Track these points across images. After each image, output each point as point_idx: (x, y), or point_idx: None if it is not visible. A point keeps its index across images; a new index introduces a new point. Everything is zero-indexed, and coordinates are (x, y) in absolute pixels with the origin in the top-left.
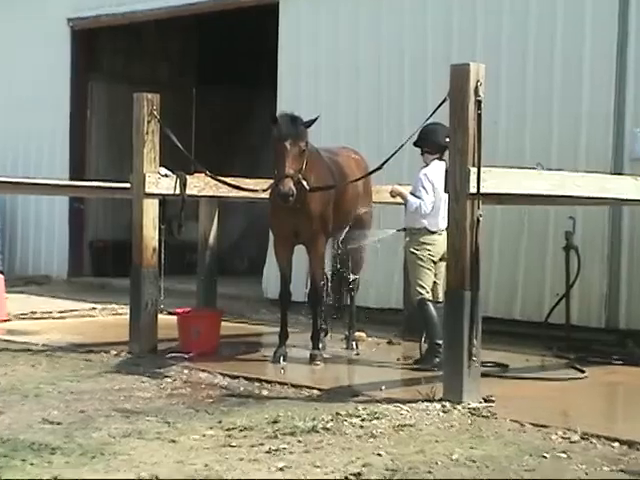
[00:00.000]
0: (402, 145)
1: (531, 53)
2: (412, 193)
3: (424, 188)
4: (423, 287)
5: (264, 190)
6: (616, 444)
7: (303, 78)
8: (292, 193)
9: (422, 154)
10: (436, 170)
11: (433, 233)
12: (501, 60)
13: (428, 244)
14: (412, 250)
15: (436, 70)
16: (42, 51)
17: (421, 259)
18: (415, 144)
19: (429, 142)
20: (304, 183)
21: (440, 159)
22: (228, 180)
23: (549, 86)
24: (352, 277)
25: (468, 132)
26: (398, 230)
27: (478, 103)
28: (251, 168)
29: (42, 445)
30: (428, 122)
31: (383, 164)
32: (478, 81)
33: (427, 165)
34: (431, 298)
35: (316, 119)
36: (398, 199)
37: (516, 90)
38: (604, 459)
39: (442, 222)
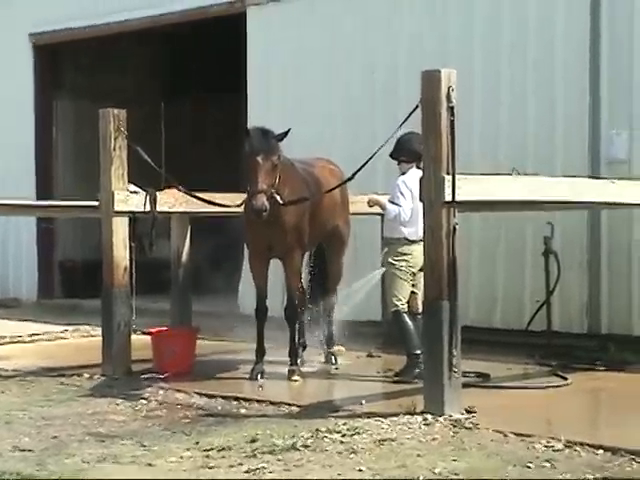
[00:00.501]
0: (375, 153)
1: (504, 58)
2: (390, 201)
3: (402, 194)
4: (399, 299)
5: (238, 205)
6: (600, 451)
7: (273, 86)
8: (265, 209)
9: (398, 164)
10: (414, 177)
11: (412, 243)
12: (474, 65)
13: (407, 254)
14: (390, 261)
15: (408, 77)
16: (4, 67)
17: (399, 269)
18: (391, 156)
19: (404, 151)
20: (277, 197)
21: (417, 167)
22: (200, 195)
23: (523, 91)
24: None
25: (441, 139)
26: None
27: (450, 109)
28: (223, 181)
29: (13, 474)
30: (402, 132)
31: (355, 173)
32: (450, 87)
33: (404, 173)
34: (406, 309)
35: (288, 132)
36: (376, 209)
37: (490, 95)
38: (588, 467)
39: (421, 231)
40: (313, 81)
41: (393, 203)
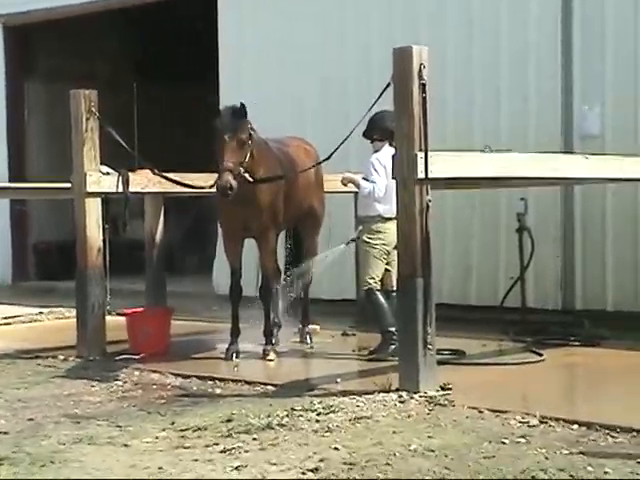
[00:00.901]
0: (350, 133)
1: (476, 33)
2: (364, 178)
3: (376, 171)
4: (372, 277)
5: (210, 186)
6: (575, 426)
7: (245, 67)
8: (230, 186)
9: (372, 142)
10: (387, 155)
11: (387, 220)
12: (446, 41)
13: (381, 232)
14: (365, 239)
15: (380, 54)
16: None
17: (374, 248)
18: (364, 135)
19: (377, 129)
20: (246, 176)
21: (390, 145)
22: (172, 176)
23: (495, 66)
24: (305, 268)
25: (413, 116)
26: (347, 243)
27: (422, 86)
28: (197, 162)
29: None
30: (374, 111)
31: (332, 154)
32: (422, 64)
33: (377, 151)
34: (379, 287)
35: (244, 106)
36: (350, 187)
37: (462, 71)
38: (563, 442)
39: (395, 208)
40: (286, 60)
41: (367, 180)
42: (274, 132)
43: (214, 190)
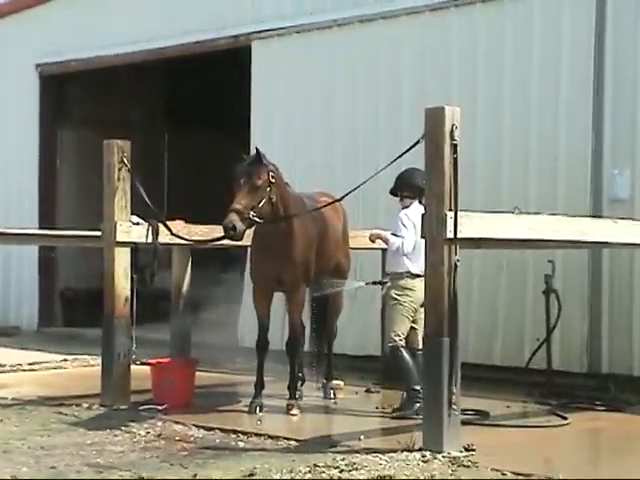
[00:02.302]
0: (372, 176)
1: (507, 95)
2: (392, 233)
3: (405, 226)
4: (397, 334)
5: (222, 238)
6: None
7: (276, 119)
8: (232, 226)
9: (400, 200)
10: (416, 211)
11: (415, 277)
12: (477, 103)
13: (409, 289)
14: (393, 295)
15: (411, 112)
16: (9, 98)
17: (402, 305)
18: (392, 192)
19: (406, 186)
20: (256, 219)
21: (420, 202)
22: (187, 235)
23: (525, 128)
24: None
25: (444, 176)
26: (367, 283)
27: (454, 147)
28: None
29: None
30: (403, 169)
31: (349, 193)
32: (453, 125)
33: (406, 207)
34: (405, 345)
35: (258, 152)
36: (378, 243)
37: (492, 133)
38: None
39: (423, 265)
40: (316, 113)
41: (395, 235)
42: (303, 183)
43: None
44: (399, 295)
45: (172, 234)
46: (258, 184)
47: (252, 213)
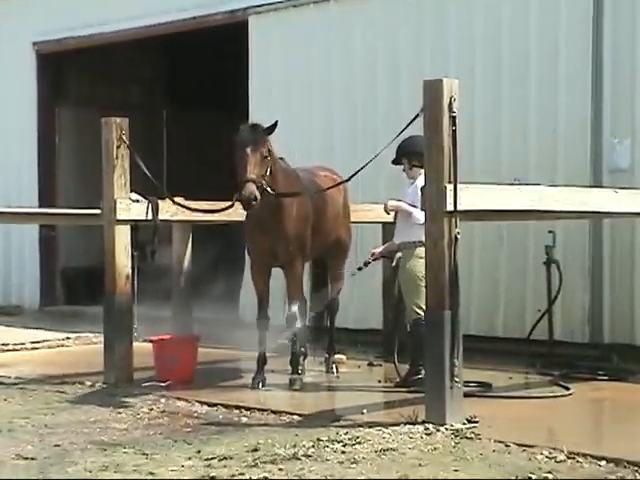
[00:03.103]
0: (375, 156)
1: (505, 66)
2: (413, 206)
3: None
4: (420, 306)
5: (227, 208)
6: (603, 462)
7: (275, 96)
8: (254, 197)
9: (410, 169)
10: None
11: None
12: (475, 74)
13: (422, 257)
14: (409, 266)
15: (409, 85)
16: (6, 77)
17: (418, 276)
18: (397, 162)
19: (417, 155)
20: (268, 189)
21: None
22: (194, 205)
23: (524, 99)
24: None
25: (443, 149)
26: (360, 268)
27: (452, 119)
28: (225, 190)
29: None
30: (407, 137)
31: (353, 175)
32: (452, 96)
33: (413, 178)
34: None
35: (276, 124)
36: (379, 217)
37: (491, 105)
38: (591, 478)
39: None
40: (314, 87)
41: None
42: (302, 158)
43: (242, 217)
44: (414, 265)
45: (182, 206)
46: (265, 153)
47: (264, 182)
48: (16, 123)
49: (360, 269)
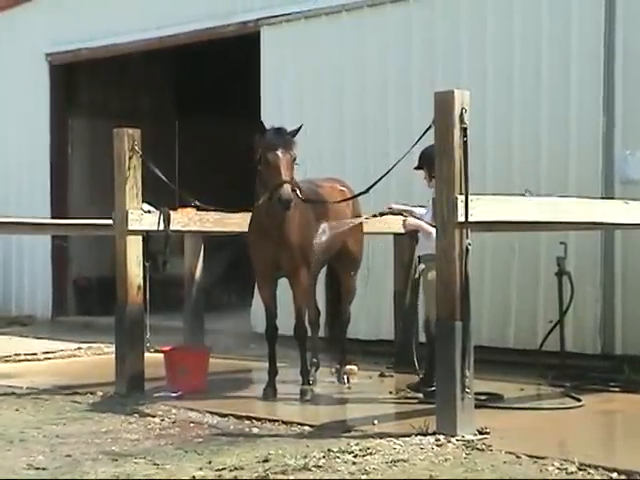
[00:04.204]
0: (388, 170)
1: (516, 78)
2: (433, 225)
3: None
4: None
5: (256, 206)
6: (614, 474)
7: (286, 106)
8: (292, 199)
9: (430, 179)
10: None
11: None
12: (486, 86)
13: None
14: (431, 278)
15: (421, 96)
16: (20, 87)
17: None
18: (418, 168)
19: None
20: (298, 192)
21: None
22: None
23: (536, 111)
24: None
25: (454, 160)
26: (375, 215)
27: (463, 130)
28: (237, 201)
29: None
30: (429, 145)
31: (368, 189)
32: (463, 108)
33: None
34: None
35: (300, 128)
36: (391, 228)
37: (502, 116)
38: None
39: None
40: (326, 98)
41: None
42: (313, 166)
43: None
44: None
45: (206, 209)
46: (294, 156)
47: (294, 186)
48: (29, 134)
49: (375, 216)
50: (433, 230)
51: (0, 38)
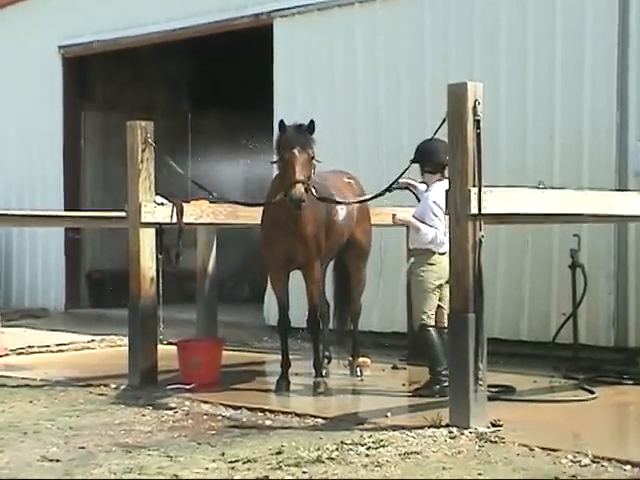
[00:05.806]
0: (405, 169)
1: (530, 69)
2: (421, 220)
3: (436, 216)
4: (426, 312)
5: (273, 202)
6: (628, 467)
7: (299, 98)
8: (304, 199)
9: (422, 174)
10: (441, 192)
11: (441, 254)
12: (500, 77)
13: (433, 264)
14: (418, 272)
15: (434, 88)
16: (33, 80)
17: (427, 281)
18: (414, 161)
19: (430, 162)
20: (313, 191)
21: (442, 177)
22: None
23: (549, 102)
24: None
25: (467, 152)
26: (387, 190)
27: (477, 122)
28: (249, 194)
29: None
30: (426, 140)
31: (385, 190)
32: (476, 100)
33: (430, 188)
34: (433, 324)
35: (313, 122)
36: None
37: (516, 107)
38: None
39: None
40: (338, 90)
41: (425, 223)
42: (325, 160)
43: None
44: (423, 272)
45: (229, 202)
46: (311, 154)
47: (309, 184)
48: (42, 127)
49: (382, 193)
50: (421, 225)
51: (14, 31)
